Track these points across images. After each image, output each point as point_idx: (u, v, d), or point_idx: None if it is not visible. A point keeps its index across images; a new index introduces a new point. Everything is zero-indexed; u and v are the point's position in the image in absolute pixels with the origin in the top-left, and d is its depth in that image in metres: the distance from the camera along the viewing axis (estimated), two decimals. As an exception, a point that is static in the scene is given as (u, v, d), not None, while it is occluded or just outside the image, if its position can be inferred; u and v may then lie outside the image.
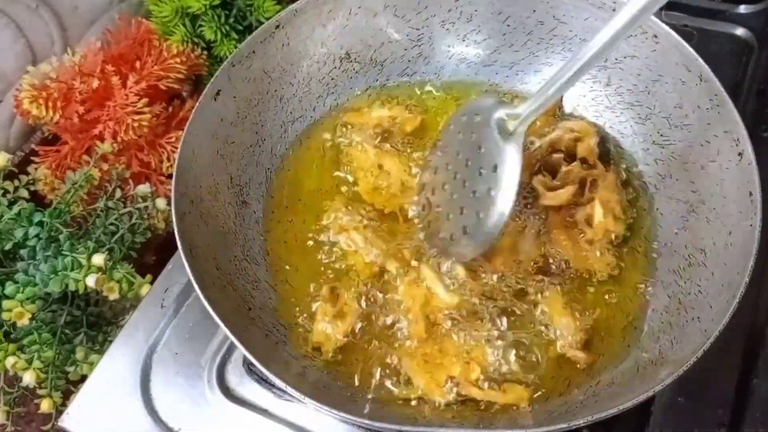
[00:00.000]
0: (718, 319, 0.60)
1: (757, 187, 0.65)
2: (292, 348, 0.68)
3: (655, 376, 0.61)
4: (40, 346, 0.77)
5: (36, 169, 0.89)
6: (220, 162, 0.75)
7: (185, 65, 0.92)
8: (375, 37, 0.83)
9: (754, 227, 0.63)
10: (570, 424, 0.57)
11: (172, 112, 0.94)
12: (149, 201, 0.86)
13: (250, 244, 0.74)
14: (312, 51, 0.82)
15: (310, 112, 0.82)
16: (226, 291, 0.68)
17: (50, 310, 0.78)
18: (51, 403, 0.77)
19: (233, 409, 0.72)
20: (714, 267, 0.67)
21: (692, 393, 0.70)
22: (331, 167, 0.80)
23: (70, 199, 0.81)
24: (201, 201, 0.71)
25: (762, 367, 0.72)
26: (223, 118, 0.75)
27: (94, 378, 0.74)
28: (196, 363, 0.74)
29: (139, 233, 0.84)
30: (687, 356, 0.58)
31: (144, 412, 0.72)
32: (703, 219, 0.71)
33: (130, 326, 0.77)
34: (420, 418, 0.64)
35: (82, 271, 0.74)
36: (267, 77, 0.79)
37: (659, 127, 0.77)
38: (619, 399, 0.59)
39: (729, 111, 0.69)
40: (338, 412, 0.58)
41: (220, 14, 0.92)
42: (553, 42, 0.82)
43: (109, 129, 0.86)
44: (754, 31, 0.97)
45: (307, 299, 0.72)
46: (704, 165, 0.72)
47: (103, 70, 0.88)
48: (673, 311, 0.68)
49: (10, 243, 0.77)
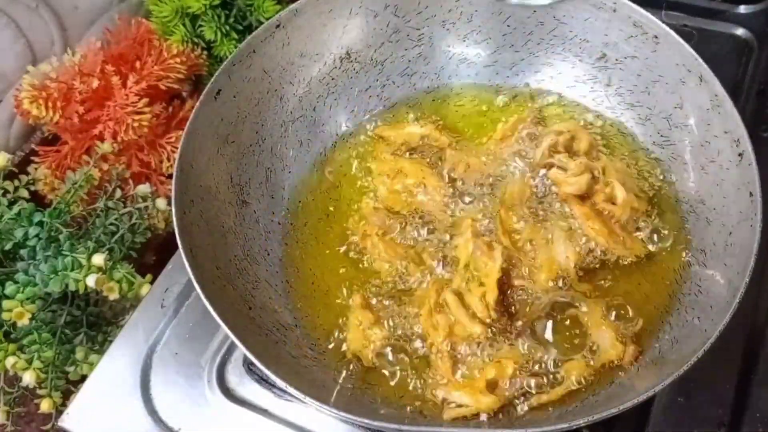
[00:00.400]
0: (718, 319, 0.60)
1: (757, 187, 0.65)
2: (293, 347, 0.68)
3: (655, 376, 0.61)
4: (40, 346, 0.76)
5: (36, 169, 0.89)
6: (220, 162, 0.75)
7: (185, 65, 0.92)
8: (375, 36, 0.83)
9: (754, 227, 0.63)
10: (570, 424, 0.56)
11: (172, 112, 0.94)
12: (149, 201, 0.85)
13: (250, 243, 0.74)
14: (312, 50, 0.81)
15: (310, 112, 0.82)
16: (226, 291, 0.68)
17: (50, 310, 0.78)
18: (51, 403, 0.77)
19: (233, 409, 0.72)
20: (714, 267, 0.67)
21: (692, 393, 0.70)
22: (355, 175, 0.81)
23: (70, 199, 0.81)
24: (201, 201, 0.71)
25: (762, 367, 0.72)
26: (223, 117, 0.75)
27: (94, 378, 0.74)
28: (196, 363, 0.74)
29: (139, 233, 0.84)
30: (687, 356, 0.58)
31: (144, 412, 0.72)
32: (703, 219, 0.71)
33: (130, 326, 0.77)
34: (420, 418, 0.64)
35: (82, 271, 0.74)
36: (267, 77, 0.79)
37: (659, 128, 0.77)
38: (619, 399, 0.59)
39: (729, 111, 0.69)
40: (339, 411, 0.58)
41: (220, 14, 0.92)
42: (553, 42, 0.82)
43: (109, 129, 0.86)
44: (754, 31, 0.97)
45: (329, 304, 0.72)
46: (704, 165, 0.72)
47: (103, 70, 0.88)
48: (673, 311, 0.68)
49: (10, 243, 0.77)
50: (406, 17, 0.83)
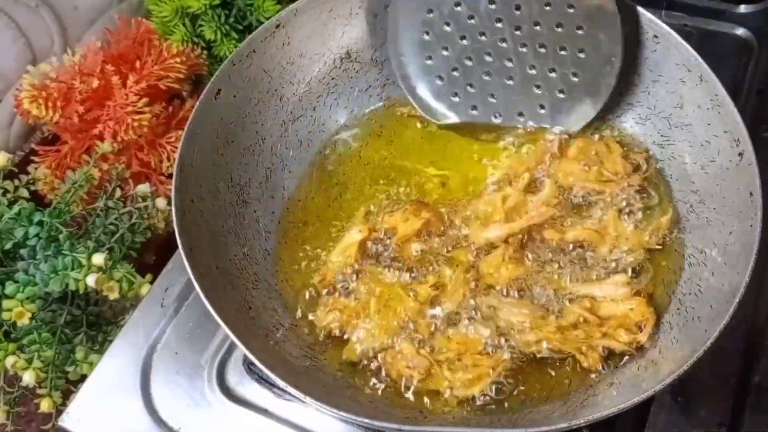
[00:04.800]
0: (718, 319, 0.60)
1: (757, 187, 0.65)
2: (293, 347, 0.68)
3: (655, 376, 0.61)
4: (40, 345, 0.76)
5: (36, 168, 0.89)
6: (220, 162, 0.75)
7: (185, 65, 0.92)
8: (375, 37, 0.83)
9: (754, 227, 0.63)
10: (570, 423, 0.57)
11: (172, 112, 0.94)
12: (149, 201, 0.85)
13: (250, 243, 0.74)
14: (312, 50, 0.81)
15: (310, 112, 0.82)
16: (226, 291, 0.68)
17: (50, 310, 0.78)
18: (51, 403, 0.77)
19: (233, 409, 0.72)
20: (714, 267, 0.67)
21: (692, 393, 0.70)
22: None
23: (70, 198, 0.81)
24: (201, 201, 0.71)
25: (762, 367, 0.72)
26: (223, 117, 0.75)
27: (94, 378, 0.74)
28: (196, 362, 0.74)
29: (139, 233, 0.84)
30: (687, 356, 0.58)
31: (144, 412, 0.72)
32: (703, 219, 0.71)
33: (130, 326, 0.77)
34: (421, 418, 0.64)
35: (82, 270, 0.74)
36: (267, 76, 0.79)
37: (659, 127, 0.77)
38: (619, 399, 0.59)
39: (729, 111, 0.69)
40: (339, 411, 0.58)
41: (220, 14, 0.92)
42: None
43: (109, 129, 0.86)
44: (754, 31, 0.97)
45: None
46: (704, 165, 0.72)
47: (103, 70, 0.88)
48: (673, 311, 0.68)
49: (10, 243, 0.77)
50: (406, 17, 0.83)
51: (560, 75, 0.75)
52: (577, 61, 0.74)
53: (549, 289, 0.69)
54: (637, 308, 0.67)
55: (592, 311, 0.67)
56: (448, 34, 0.77)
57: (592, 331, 0.66)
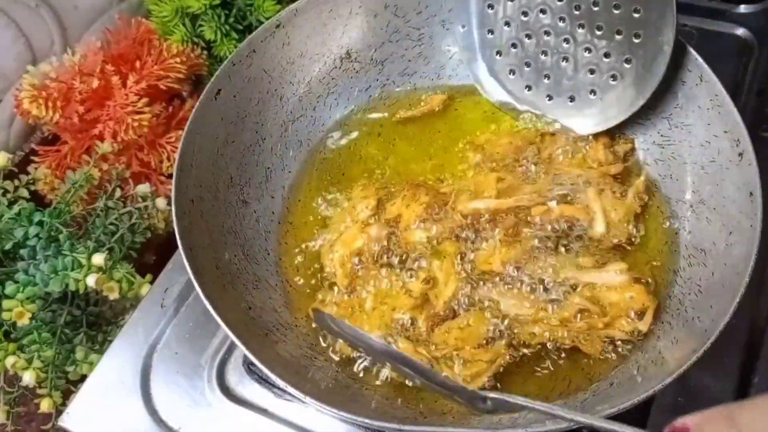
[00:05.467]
0: (718, 319, 0.60)
1: (757, 187, 0.65)
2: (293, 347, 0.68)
3: (656, 376, 0.61)
4: (40, 345, 0.77)
5: (36, 168, 0.89)
6: (220, 162, 0.75)
7: (185, 65, 0.92)
8: (375, 36, 0.83)
9: (754, 227, 0.63)
10: (570, 424, 0.56)
11: (172, 112, 0.94)
12: (149, 201, 0.85)
13: (250, 243, 0.74)
14: (312, 50, 0.82)
15: (310, 112, 0.82)
16: (226, 291, 0.68)
17: (50, 310, 0.78)
18: (51, 403, 0.77)
19: (233, 409, 0.72)
20: (714, 267, 0.67)
21: (692, 393, 0.70)
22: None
23: (70, 198, 0.81)
24: (201, 201, 0.71)
25: (762, 367, 0.72)
26: (223, 117, 0.75)
27: (94, 378, 0.74)
28: (196, 363, 0.74)
29: (139, 233, 0.84)
30: (687, 356, 0.58)
31: (144, 412, 0.72)
32: (703, 219, 0.71)
33: (130, 326, 0.77)
34: (421, 418, 0.64)
35: (82, 270, 0.74)
36: (267, 76, 0.79)
37: (659, 127, 0.77)
38: (619, 399, 0.59)
39: (729, 111, 0.69)
40: (339, 411, 0.58)
41: (220, 14, 0.92)
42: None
43: (109, 129, 0.86)
44: (754, 31, 0.97)
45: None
46: (704, 165, 0.72)
47: (103, 70, 0.88)
48: (673, 311, 0.68)
49: (10, 243, 0.77)
50: (406, 17, 0.83)
51: (615, 59, 0.74)
52: (632, 46, 0.72)
53: (547, 276, 0.69)
54: (637, 296, 0.67)
55: (593, 300, 0.67)
56: (510, 9, 0.77)
57: (594, 322, 0.66)
